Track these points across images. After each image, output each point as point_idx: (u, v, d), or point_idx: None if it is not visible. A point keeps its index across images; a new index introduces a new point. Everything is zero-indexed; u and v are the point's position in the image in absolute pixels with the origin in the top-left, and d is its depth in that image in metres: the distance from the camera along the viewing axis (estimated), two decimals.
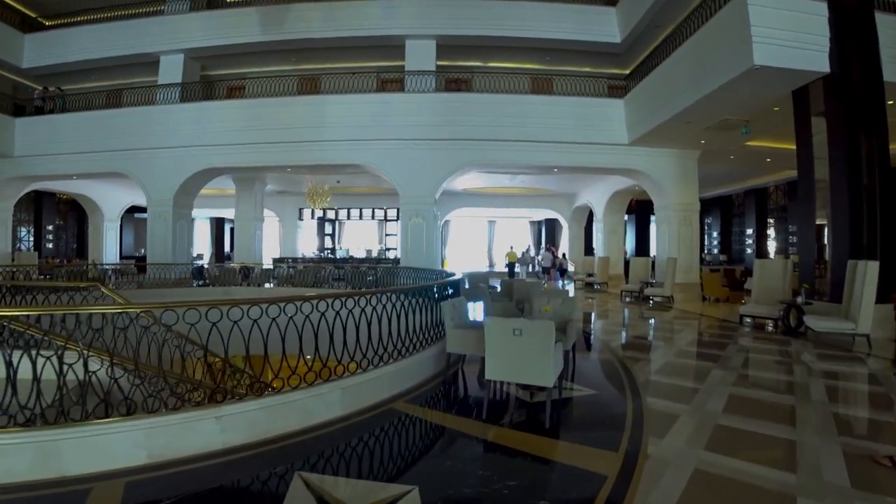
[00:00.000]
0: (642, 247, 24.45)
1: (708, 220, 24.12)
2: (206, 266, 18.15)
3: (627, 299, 14.75)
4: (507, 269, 24.11)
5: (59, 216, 23.28)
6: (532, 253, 27.79)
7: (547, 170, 14.89)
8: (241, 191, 20.25)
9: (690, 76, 10.27)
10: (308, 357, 4.61)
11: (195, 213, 27.39)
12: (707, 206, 22.84)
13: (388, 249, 24.94)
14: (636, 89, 13.01)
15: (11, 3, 17.85)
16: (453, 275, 10.04)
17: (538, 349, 4.39)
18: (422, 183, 14.03)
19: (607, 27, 14.38)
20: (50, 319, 4.40)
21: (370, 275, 14.81)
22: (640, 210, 24.41)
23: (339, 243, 28.54)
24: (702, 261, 18.02)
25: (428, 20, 14.56)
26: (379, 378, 5.18)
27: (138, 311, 4.42)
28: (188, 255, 16.91)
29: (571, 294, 16.24)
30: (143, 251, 26.98)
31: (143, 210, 25.99)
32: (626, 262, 19.11)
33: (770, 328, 9.39)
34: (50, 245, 22.72)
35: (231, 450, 3.87)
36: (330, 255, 24.50)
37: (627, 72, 14.51)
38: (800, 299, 8.45)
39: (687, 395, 5.17)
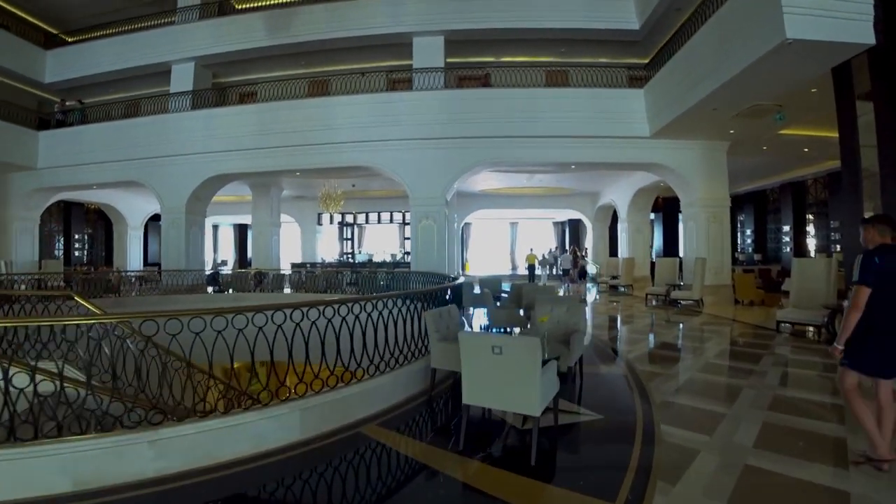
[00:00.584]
0: (670, 247, 23.09)
1: (740, 218, 22.60)
2: (220, 272, 17.89)
3: (653, 303, 13.69)
4: (528, 273, 23.17)
5: (87, 225, 23.56)
6: (556, 254, 26.75)
7: (564, 167, 13.98)
8: (257, 197, 20.02)
9: (715, 57, 9.24)
10: (302, 365, 4.28)
11: (220, 219, 27.88)
12: (739, 203, 21.34)
13: (407, 253, 24.30)
14: (657, 77, 12.01)
15: (35, 21, 18.17)
16: (456, 279, 9.27)
17: (521, 371, 3.63)
18: (431, 184, 13.34)
19: (624, 13, 13.37)
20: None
21: (382, 279, 14.26)
22: (668, 208, 23.11)
23: (359, 248, 28.15)
24: (734, 261, 16.73)
25: (435, 15, 13.88)
26: (346, 398, 4.52)
27: (113, 321, 4.14)
28: (201, 261, 16.66)
29: (590, 297, 15.33)
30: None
31: (154, 217, 26.45)
32: (653, 264, 17.96)
33: (812, 336, 8.29)
34: (77, 253, 23.04)
35: (167, 478, 3.39)
36: (349, 260, 24.04)
37: (646, 61, 13.48)
38: (846, 303, 7.34)
39: (711, 422, 4.29)
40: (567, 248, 26.48)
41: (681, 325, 10.06)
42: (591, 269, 22.20)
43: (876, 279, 3.18)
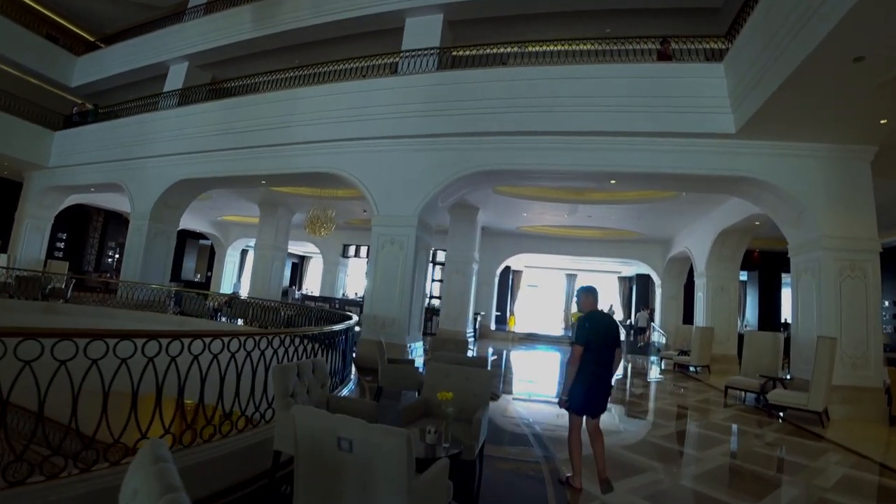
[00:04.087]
0: (768, 319, 16.45)
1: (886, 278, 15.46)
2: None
3: (737, 401, 8.02)
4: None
5: (122, 234, 22.32)
6: (615, 314, 20.80)
7: (600, 179, 8.93)
8: (263, 216, 17.11)
9: None
10: None
11: (250, 243, 25.65)
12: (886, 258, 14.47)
13: (434, 297, 19.89)
14: (744, 33, 6.98)
15: (75, 29, 17.71)
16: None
17: (379, 482, 1.93)
18: (403, 197, 9.06)
19: None
20: None
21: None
22: (766, 265, 16.73)
23: None
24: (886, 347, 10.20)
25: None
26: None
27: None
28: (165, 276, 13.66)
29: (648, 378, 9.56)
30: (198, 276, 25.24)
31: (190, 233, 24.70)
32: (741, 338, 11.93)
33: None
34: (109, 260, 21.73)
35: None
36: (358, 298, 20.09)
37: (725, 32, 8.41)
38: None
39: None
40: (635, 309, 20.48)
41: (781, 468, 4.59)
42: (657, 337, 16.17)
43: (589, 338, 3.68)
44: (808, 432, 6.22)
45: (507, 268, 21.99)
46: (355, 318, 7.59)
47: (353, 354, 8.30)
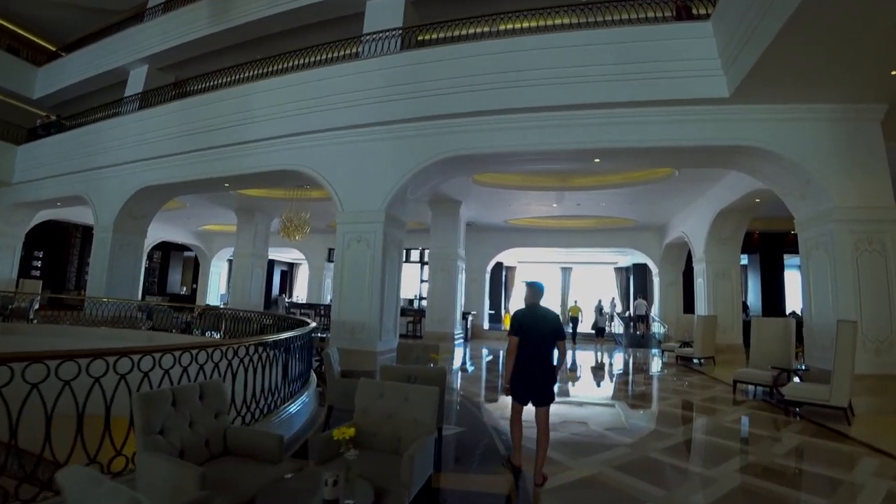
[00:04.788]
0: (771, 304, 15.54)
1: None
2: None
3: (747, 398, 7.13)
4: (571, 328, 16.87)
5: None
6: (616, 307, 19.92)
7: (582, 158, 8.02)
8: (240, 223, 16.26)
9: None
10: None
11: (228, 252, 24.75)
12: None
13: (423, 298, 19.01)
14: None
15: (36, 39, 16.87)
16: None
17: None
18: (366, 191, 8.19)
19: None
20: None
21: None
22: (766, 247, 15.80)
23: None
24: None
25: None
26: None
27: None
28: (135, 290, 12.83)
29: (650, 372, 8.44)
30: (184, 289, 24.40)
31: (174, 245, 23.86)
32: (747, 326, 11.06)
33: None
34: (87, 277, 20.85)
35: None
36: None
37: None
38: None
39: None
40: (633, 298, 19.57)
41: (810, 487, 3.70)
42: (658, 328, 15.26)
43: (521, 332, 3.84)
44: (833, 432, 5.33)
45: (500, 265, 21.10)
46: (313, 324, 6.85)
47: (319, 364, 7.49)
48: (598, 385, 9.33)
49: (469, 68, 7.61)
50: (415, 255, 19.49)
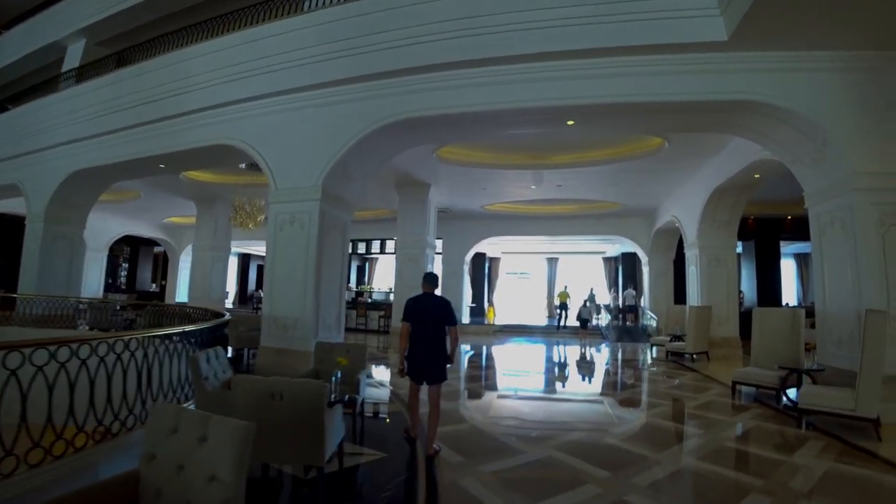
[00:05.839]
0: (768, 293, 14.37)
1: None
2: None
3: (749, 403, 5.93)
4: (558, 313, 15.91)
5: None
6: (606, 300, 18.75)
7: (554, 119, 6.66)
8: (200, 213, 14.94)
9: None
10: None
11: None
12: None
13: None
14: None
15: None
16: None
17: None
18: (301, 165, 6.88)
19: None
20: None
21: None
22: (762, 233, 14.64)
23: (370, 282, 22.13)
24: None
25: None
26: None
27: None
28: (74, 287, 11.51)
29: (637, 366, 7.19)
30: (153, 286, 23.07)
31: (142, 239, 22.43)
32: (745, 317, 9.89)
33: None
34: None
35: None
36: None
37: None
38: None
39: None
40: (622, 288, 18.40)
41: None
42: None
43: (410, 317, 4.18)
44: (863, 451, 4.12)
45: (482, 255, 19.86)
46: (227, 317, 6.09)
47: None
48: (583, 381, 8.13)
49: (417, 16, 6.28)
50: (391, 245, 18.19)
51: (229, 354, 8.82)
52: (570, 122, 6.30)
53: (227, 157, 8.68)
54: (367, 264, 22.15)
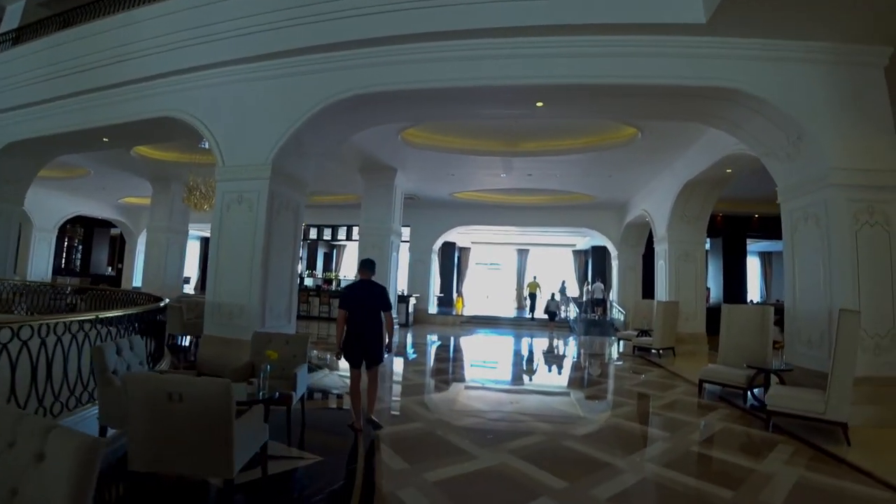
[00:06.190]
0: (733, 290, 14.47)
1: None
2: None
3: (715, 402, 5.72)
4: (529, 304, 15.80)
5: None
6: (575, 293, 18.65)
7: (521, 100, 6.19)
8: (155, 193, 14.04)
9: None
10: None
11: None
12: None
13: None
14: None
15: None
16: None
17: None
18: (251, 140, 6.31)
19: None
20: None
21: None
22: (729, 230, 14.71)
23: (337, 270, 21.45)
24: None
25: None
26: None
27: None
28: (5, 268, 10.56)
29: (603, 360, 6.97)
30: (109, 269, 21.87)
31: (97, 221, 21.16)
32: (711, 312, 9.82)
33: None
34: None
35: None
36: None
37: None
38: None
39: None
40: (590, 282, 18.36)
41: None
42: (616, 314, 14.01)
43: (348, 304, 4.30)
44: (833, 458, 3.91)
45: (452, 245, 19.47)
46: (166, 301, 5.78)
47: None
48: (548, 374, 7.84)
49: None
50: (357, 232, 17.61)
51: (186, 343, 8.20)
52: (539, 104, 5.89)
53: (173, 132, 7.95)
54: (334, 251, 21.46)
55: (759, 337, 5.93)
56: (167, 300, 6.28)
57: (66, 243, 20.77)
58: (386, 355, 4.40)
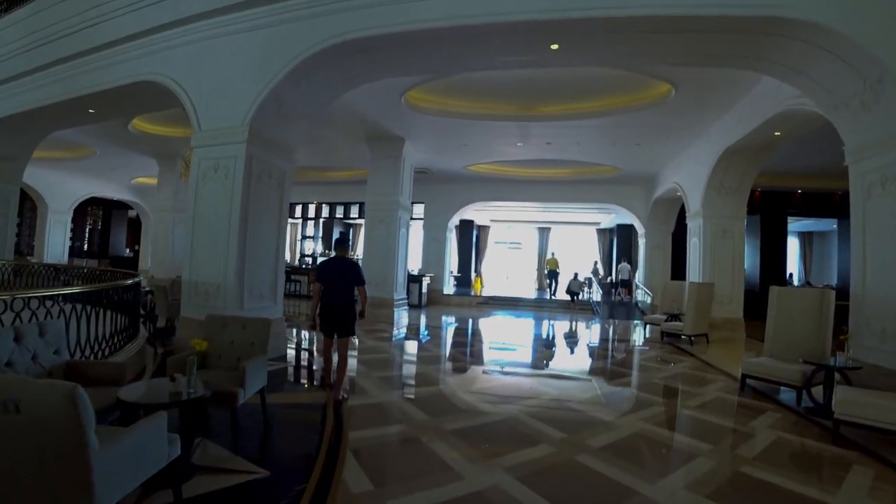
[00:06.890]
0: (772, 272, 13.17)
1: None
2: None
3: (761, 401, 4.78)
4: (548, 281, 15.03)
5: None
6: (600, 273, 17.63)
7: (532, 45, 5.19)
8: (161, 172, 13.60)
9: None
10: None
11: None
12: None
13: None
14: None
15: None
16: None
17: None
18: (227, 101, 5.58)
19: None
20: None
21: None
22: (768, 206, 13.37)
23: (353, 249, 20.89)
24: None
25: None
26: None
27: None
28: (4, 248, 10.27)
29: (629, 346, 6.13)
30: (128, 251, 21.88)
31: (114, 202, 21.03)
32: (752, 295, 8.76)
33: None
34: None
35: None
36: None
37: None
38: None
39: None
40: (616, 261, 17.27)
41: None
42: (642, 296, 12.99)
43: (322, 278, 4.60)
44: None
45: (471, 223, 18.58)
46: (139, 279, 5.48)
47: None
48: (567, 366, 7.02)
49: None
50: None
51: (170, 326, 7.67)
52: (553, 46, 4.90)
53: (156, 98, 7.23)
54: (350, 230, 20.87)
55: (816, 327, 4.93)
56: (139, 278, 5.69)
57: (87, 226, 20.80)
58: (358, 322, 4.67)
